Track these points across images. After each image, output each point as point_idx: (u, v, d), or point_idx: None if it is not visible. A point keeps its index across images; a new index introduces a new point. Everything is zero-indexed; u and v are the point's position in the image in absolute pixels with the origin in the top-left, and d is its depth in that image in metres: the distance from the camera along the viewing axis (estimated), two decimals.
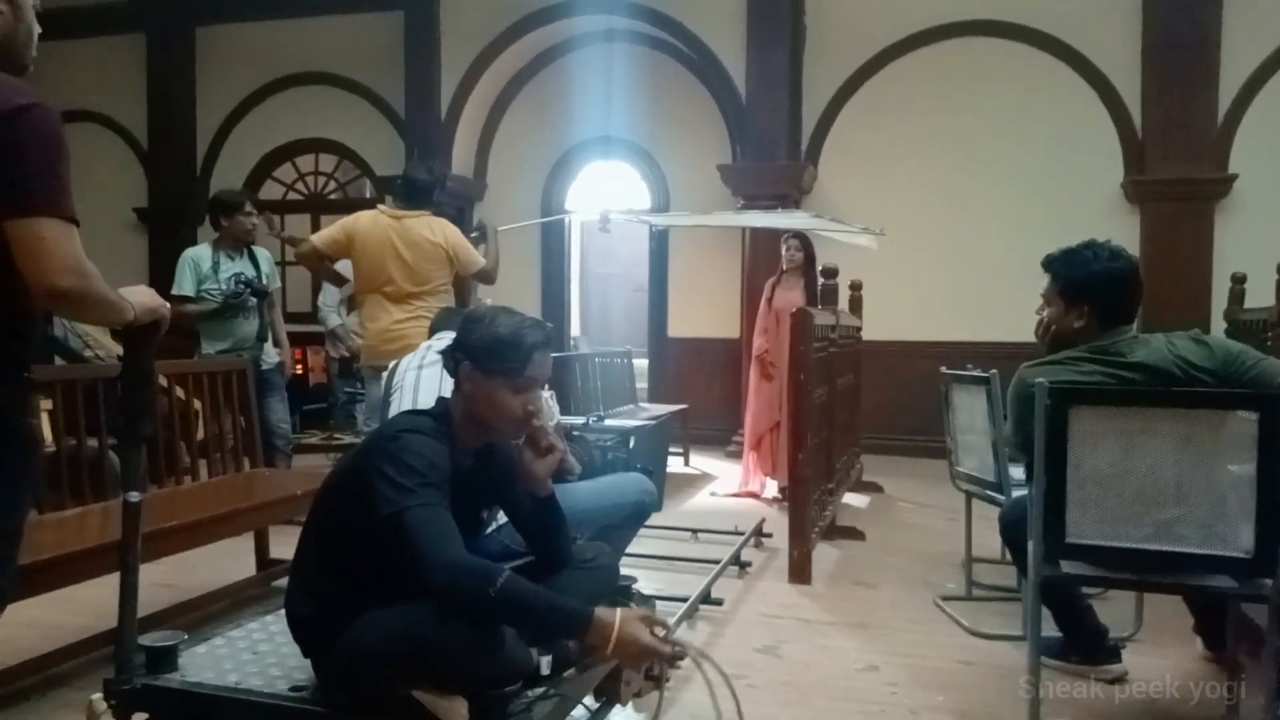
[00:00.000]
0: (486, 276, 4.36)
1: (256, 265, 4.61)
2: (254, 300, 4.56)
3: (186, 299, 4.41)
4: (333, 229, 4.26)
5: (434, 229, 4.17)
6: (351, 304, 4.42)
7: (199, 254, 4.53)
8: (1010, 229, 7.08)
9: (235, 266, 4.55)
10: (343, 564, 1.81)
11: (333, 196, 9.02)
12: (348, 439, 6.50)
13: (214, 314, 4.47)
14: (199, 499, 3.37)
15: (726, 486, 5.85)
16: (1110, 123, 7.01)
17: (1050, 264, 2.61)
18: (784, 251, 5.58)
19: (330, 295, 6.50)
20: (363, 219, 4.20)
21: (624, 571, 2.31)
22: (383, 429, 1.92)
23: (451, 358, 1.94)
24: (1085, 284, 2.49)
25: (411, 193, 4.24)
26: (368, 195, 8.96)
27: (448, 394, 1.99)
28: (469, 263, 4.24)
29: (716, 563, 3.75)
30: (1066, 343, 2.53)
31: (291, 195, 8.95)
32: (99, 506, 3.00)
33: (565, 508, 2.17)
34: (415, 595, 1.69)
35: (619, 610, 1.76)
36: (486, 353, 1.88)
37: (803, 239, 5.58)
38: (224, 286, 4.48)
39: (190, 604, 3.24)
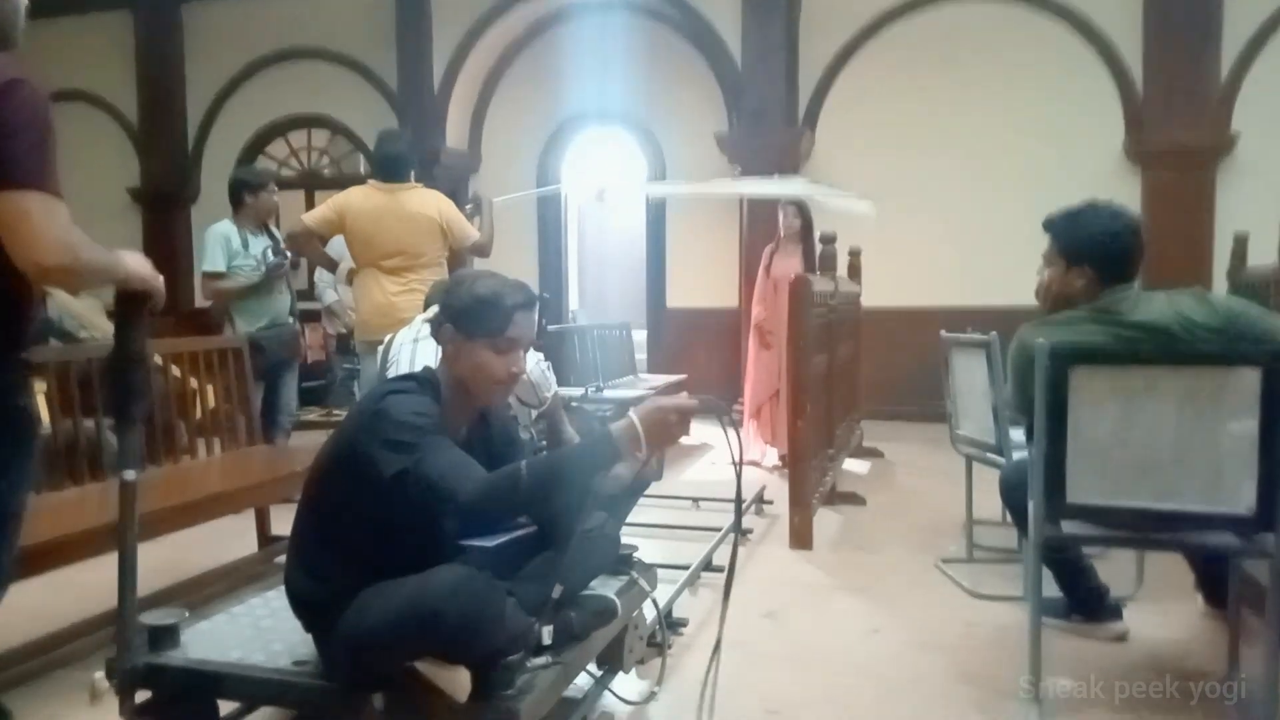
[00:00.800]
0: (481, 250, 4.33)
1: (277, 243, 4.61)
2: (293, 272, 4.59)
3: (218, 275, 4.41)
4: (323, 208, 4.23)
5: (427, 201, 4.14)
6: (349, 280, 4.40)
7: (227, 230, 4.50)
8: (1010, 193, 7.03)
9: (260, 243, 4.55)
10: (340, 539, 1.81)
11: (326, 173, 8.97)
12: (348, 412, 6.50)
13: (254, 288, 4.46)
14: (198, 478, 3.37)
15: (726, 455, 5.83)
16: (1111, 84, 6.94)
17: (1051, 225, 2.59)
18: (781, 219, 5.55)
19: (326, 272, 6.48)
20: (354, 195, 4.17)
21: (625, 540, 2.31)
22: (365, 398, 1.91)
23: (437, 323, 1.93)
24: (1086, 244, 2.47)
25: (389, 168, 4.20)
26: (361, 170, 8.90)
27: None
28: (463, 235, 4.21)
29: (717, 530, 3.75)
30: (1067, 304, 2.52)
31: (285, 172, 8.88)
32: (97, 487, 2.99)
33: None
34: (414, 567, 1.68)
35: (630, 411, 1.76)
36: (468, 314, 1.87)
37: (800, 206, 5.54)
38: (257, 262, 4.48)
39: (191, 583, 3.25)
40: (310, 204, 8.15)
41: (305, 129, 8.89)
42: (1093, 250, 2.47)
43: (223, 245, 4.46)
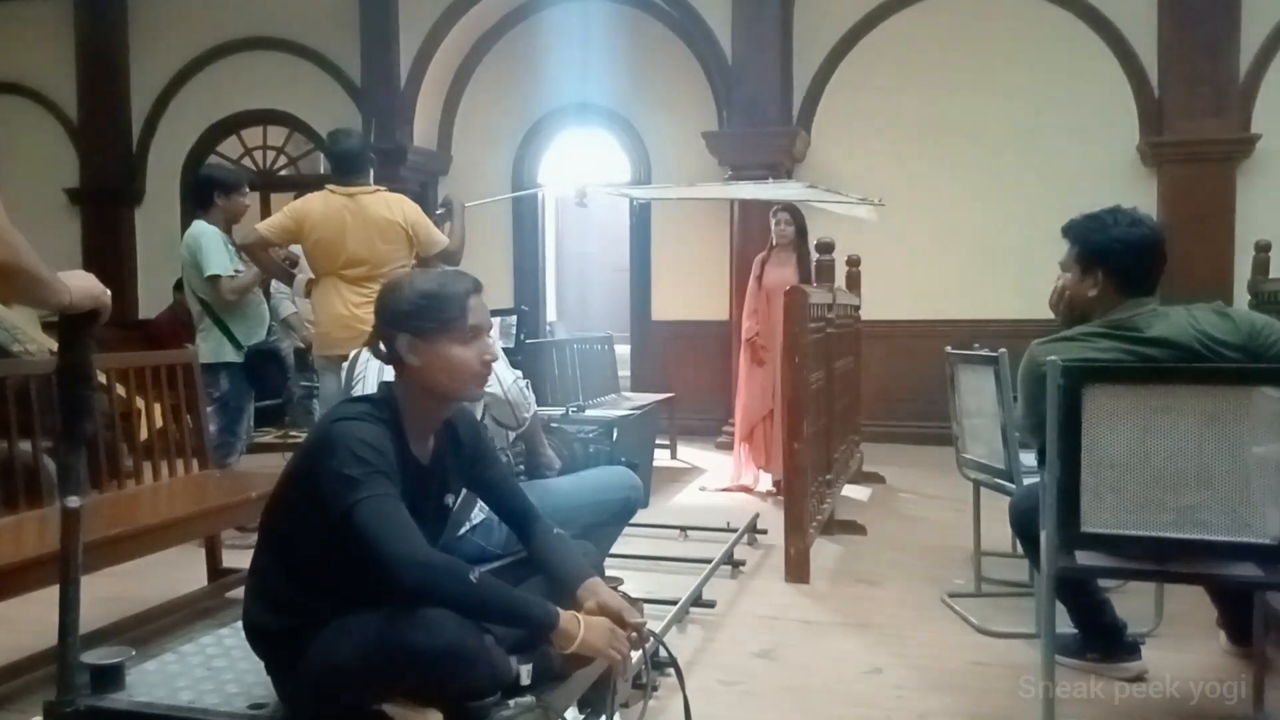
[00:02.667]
0: (450, 257, 4.34)
1: (236, 250, 4.61)
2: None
3: (230, 276, 4.42)
4: (280, 215, 4.24)
5: (391, 206, 4.16)
6: (307, 291, 4.41)
7: (216, 231, 4.49)
8: (1019, 197, 7.13)
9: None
10: (301, 570, 1.81)
11: (283, 173, 8.96)
12: (304, 437, 6.47)
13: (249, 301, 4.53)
14: (144, 504, 3.35)
15: (717, 480, 5.86)
16: (1125, 81, 7.05)
17: (1069, 229, 2.63)
18: (773, 225, 5.59)
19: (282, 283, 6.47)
20: (313, 201, 4.18)
21: (609, 573, 2.32)
22: (319, 422, 1.93)
23: (382, 339, 1.94)
24: (1102, 250, 2.51)
25: (345, 166, 4.23)
26: (322, 170, 8.89)
27: None
28: (430, 242, 4.22)
29: (708, 562, 3.76)
30: (1081, 313, 2.56)
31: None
32: (34, 514, 2.97)
33: (545, 506, 2.17)
34: (382, 600, 1.69)
35: (583, 621, 1.83)
36: (419, 314, 1.88)
37: (793, 211, 5.58)
38: (242, 268, 4.49)
39: (138, 618, 3.22)
40: (266, 206, 8.13)
41: (260, 125, 8.89)
42: (1109, 257, 2.50)
43: (223, 244, 4.46)
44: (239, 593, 3.20)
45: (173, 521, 3.11)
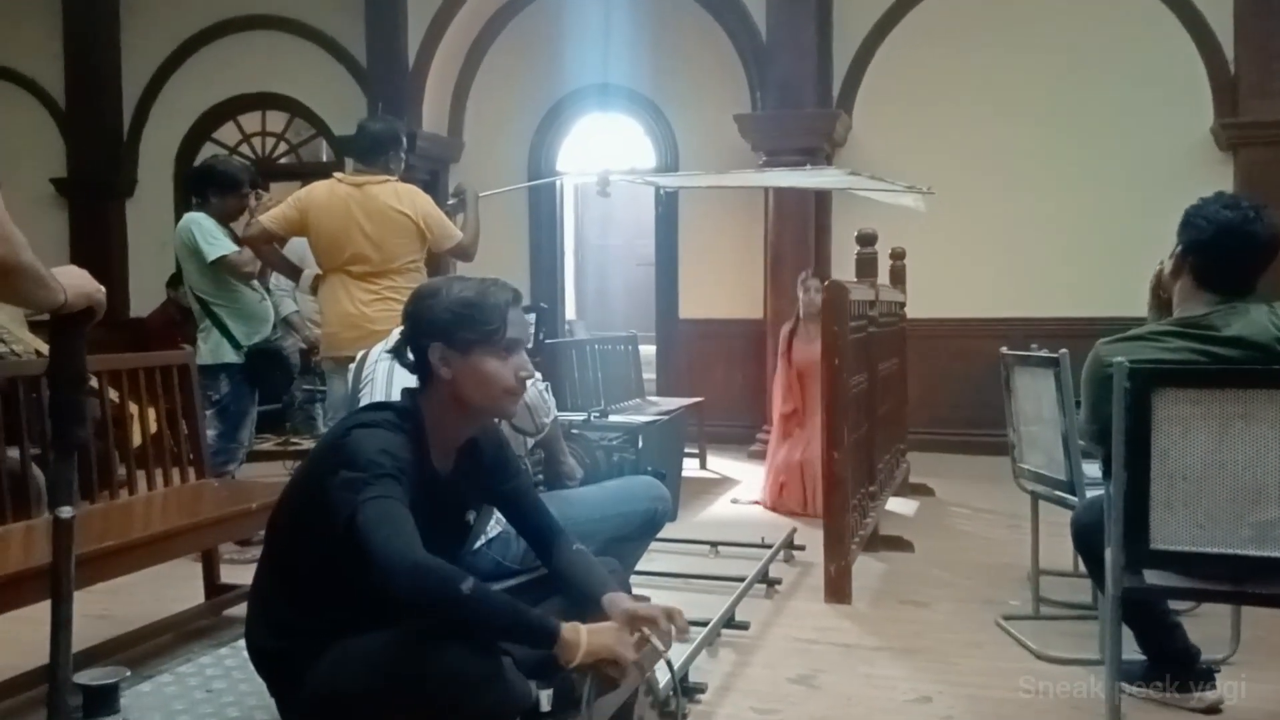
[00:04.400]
0: (464, 252, 4.37)
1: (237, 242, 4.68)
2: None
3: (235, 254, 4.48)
4: (283, 206, 4.28)
5: (401, 197, 4.19)
6: (314, 288, 4.45)
7: (209, 219, 4.54)
8: (1080, 185, 7.08)
9: None
10: (307, 587, 1.83)
11: (283, 160, 9.04)
12: (306, 444, 6.52)
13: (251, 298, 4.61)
14: (137, 515, 3.39)
15: (750, 492, 5.86)
16: (1197, 57, 6.98)
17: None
18: (800, 295, 5.57)
19: (283, 278, 6.52)
20: (317, 190, 4.22)
21: (635, 591, 2.33)
22: (333, 428, 1.95)
23: (412, 347, 1.95)
24: (1185, 226, 2.50)
25: (364, 146, 4.28)
26: (324, 159, 8.98)
27: None
28: (443, 236, 4.25)
29: (741, 580, 3.76)
30: (1168, 306, 2.55)
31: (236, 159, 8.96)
32: (20, 526, 3.01)
33: (566, 518, 2.19)
34: (394, 620, 1.70)
35: (584, 630, 1.82)
36: (456, 324, 1.90)
37: (823, 279, 5.51)
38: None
39: (131, 637, 3.26)
40: None
41: (259, 110, 8.96)
42: (1194, 244, 2.47)
43: (217, 227, 4.51)
44: (238, 611, 3.25)
45: (167, 534, 3.14)
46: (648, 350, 7.88)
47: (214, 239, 4.47)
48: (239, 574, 3.55)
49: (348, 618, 1.77)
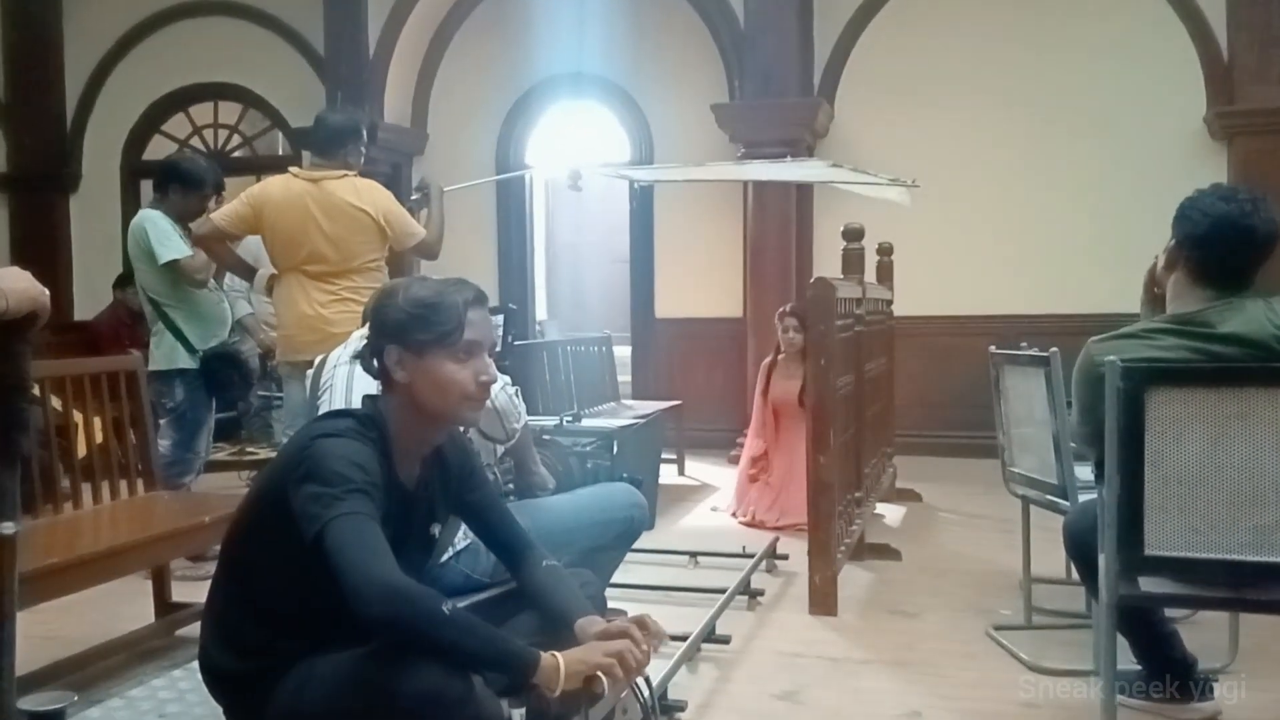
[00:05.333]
0: (428, 250, 4.35)
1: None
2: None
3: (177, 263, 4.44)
4: (236, 203, 4.25)
5: (360, 192, 4.16)
6: (269, 289, 4.42)
7: (164, 216, 4.51)
8: (1070, 177, 7.14)
9: None
10: (268, 605, 1.82)
11: (237, 154, 8.99)
12: (264, 453, 6.49)
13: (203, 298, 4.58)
14: (84, 530, 3.36)
15: (730, 499, 5.87)
16: (1190, 43, 7.04)
17: None
18: (780, 333, 5.58)
19: (238, 279, 6.49)
20: (272, 186, 4.20)
21: (611, 605, 2.33)
22: (295, 437, 1.94)
23: (371, 352, 1.95)
24: (1179, 218, 2.51)
25: (322, 139, 4.26)
26: (280, 152, 8.91)
27: None
28: (405, 234, 4.23)
29: (722, 592, 3.76)
30: (1162, 302, 2.58)
31: (185, 154, 8.90)
32: None
33: (539, 528, 2.19)
34: (359, 638, 1.70)
35: (562, 657, 1.80)
36: (411, 325, 1.90)
37: (802, 318, 5.51)
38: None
39: (78, 659, 3.22)
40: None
41: (211, 101, 8.92)
42: (1189, 237, 2.48)
43: (174, 229, 4.47)
44: (191, 630, 3.22)
45: (116, 550, 3.11)
46: (623, 351, 7.88)
47: (168, 240, 4.43)
48: (192, 591, 3.52)
49: (313, 637, 1.76)
